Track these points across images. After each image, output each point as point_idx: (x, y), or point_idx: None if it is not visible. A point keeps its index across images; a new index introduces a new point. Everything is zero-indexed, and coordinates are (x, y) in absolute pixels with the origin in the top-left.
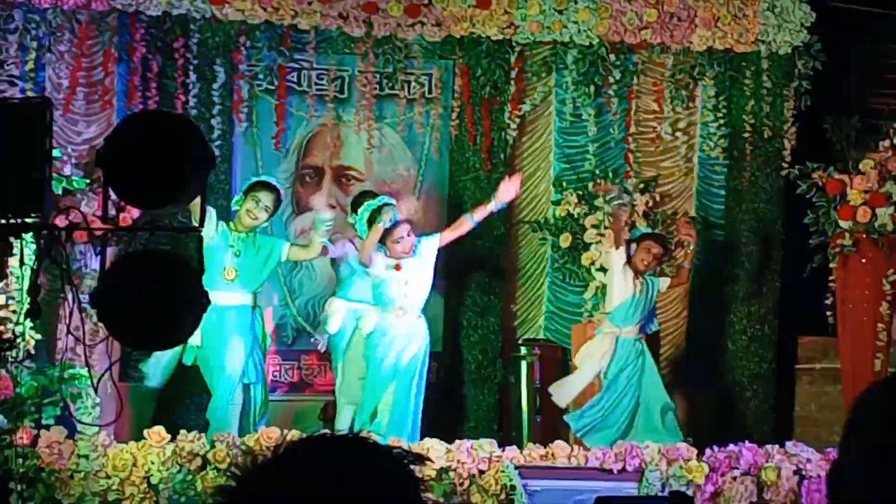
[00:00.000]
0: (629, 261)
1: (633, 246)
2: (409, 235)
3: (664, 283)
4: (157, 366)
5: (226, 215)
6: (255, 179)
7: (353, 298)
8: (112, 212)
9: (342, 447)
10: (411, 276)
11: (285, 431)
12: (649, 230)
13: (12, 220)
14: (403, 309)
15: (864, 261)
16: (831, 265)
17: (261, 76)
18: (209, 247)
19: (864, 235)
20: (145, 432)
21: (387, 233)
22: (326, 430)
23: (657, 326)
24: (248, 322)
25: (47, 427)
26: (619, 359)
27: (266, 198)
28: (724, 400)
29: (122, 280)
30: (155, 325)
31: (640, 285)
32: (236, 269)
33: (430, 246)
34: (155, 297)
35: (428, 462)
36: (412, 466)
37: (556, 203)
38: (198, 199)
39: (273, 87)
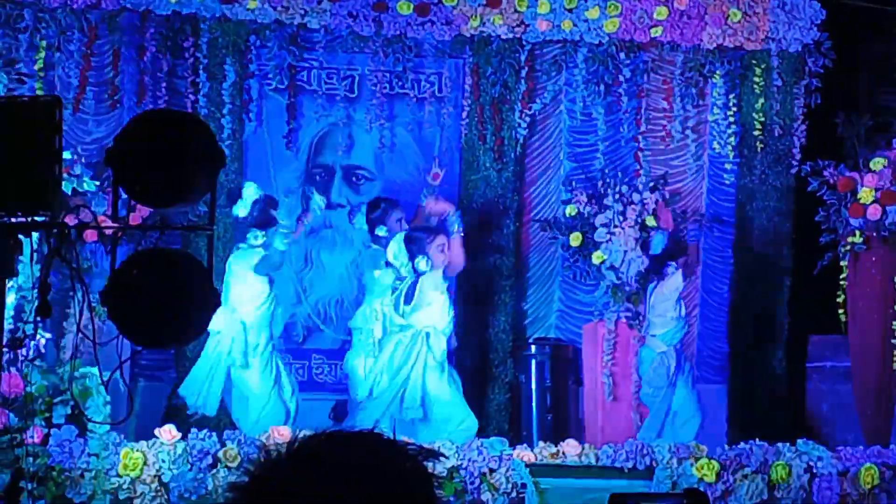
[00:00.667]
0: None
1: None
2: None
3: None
4: (206, 395)
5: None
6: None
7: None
8: (122, 211)
9: (356, 444)
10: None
11: (297, 430)
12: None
13: (22, 219)
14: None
15: (874, 259)
16: (842, 263)
17: (271, 75)
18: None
19: (875, 233)
20: (156, 431)
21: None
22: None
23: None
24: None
25: (58, 426)
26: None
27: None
28: (734, 398)
29: (133, 278)
30: (165, 323)
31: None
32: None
33: None
34: (165, 295)
35: (441, 458)
36: (426, 463)
37: (567, 202)
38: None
39: (283, 87)
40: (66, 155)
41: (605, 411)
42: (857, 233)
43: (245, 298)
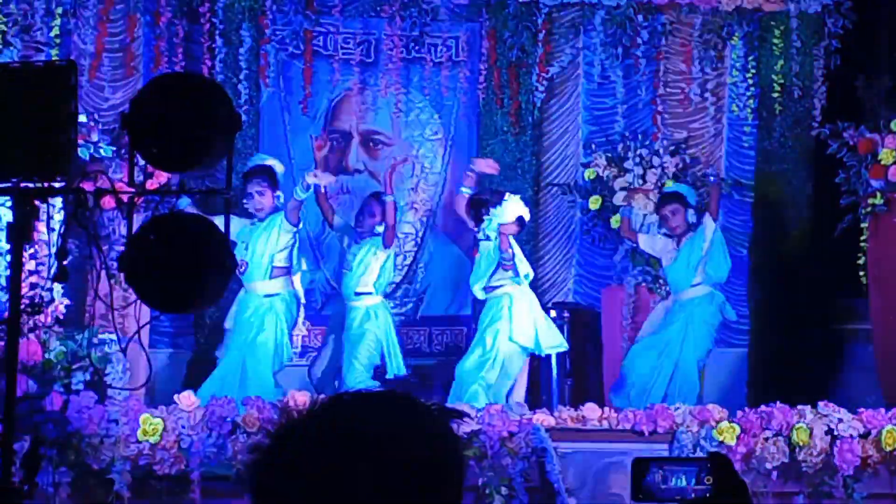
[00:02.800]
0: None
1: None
2: None
3: (708, 228)
4: None
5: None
6: (250, 166)
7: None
8: (139, 177)
9: (381, 403)
10: None
11: (316, 395)
12: (669, 188)
13: (39, 184)
14: None
15: (895, 220)
16: (862, 225)
17: (287, 41)
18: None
19: None
20: (175, 397)
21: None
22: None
23: (723, 274)
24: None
25: (77, 392)
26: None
27: (259, 185)
28: (755, 361)
29: (150, 244)
30: (183, 288)
31: (676, 249)
32: (245, 262)
33: None
34: (183, 260)
35: (466, 419)
36: (452, 423)
37: (585, 165)
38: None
39: (299, 52)
40: (83, 120)
41: None
42: (878, 194)
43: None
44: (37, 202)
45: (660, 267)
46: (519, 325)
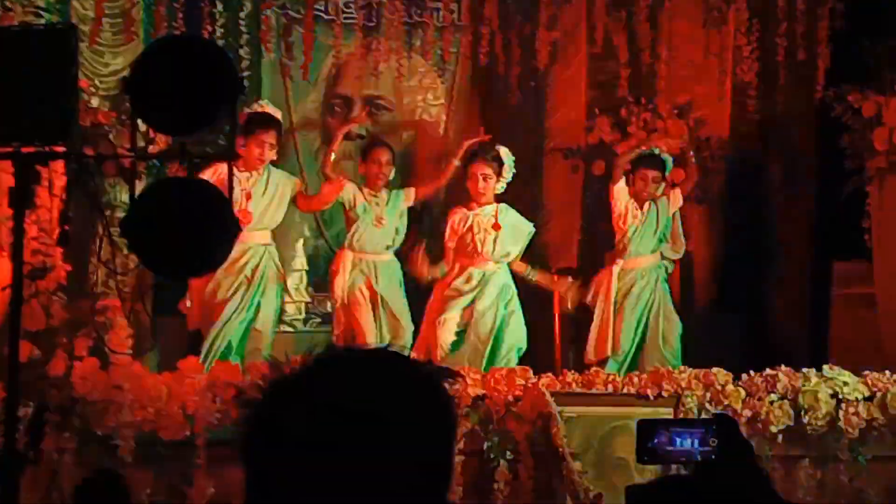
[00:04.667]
0: (631, 192)
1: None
2: None
3: (675, 199)
4: None
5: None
6: (249, 112)
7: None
8: (141, 143)
9: (374, 359)
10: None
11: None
12: (648, 152)
13: (40, 149)
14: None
15: None
16: (867, 188)
17: (288, 5)
18: None
19: None
20: (179, 363)
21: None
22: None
23: (678, 252)
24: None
25: (80, 358)
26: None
27: (270, 136)
28: (759, 325)
29: (152, 209)
30: (185, 252)
31: (643, 214)
32: (251, 212)
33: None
34: (185, 224)
35: (459, 379)
36: (446, 381)
37: (589, 130)
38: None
39: (300, 16)
40: (83, 86)
41: None
42: (883, 157)
43: None
44: (38, 167)
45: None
46: None
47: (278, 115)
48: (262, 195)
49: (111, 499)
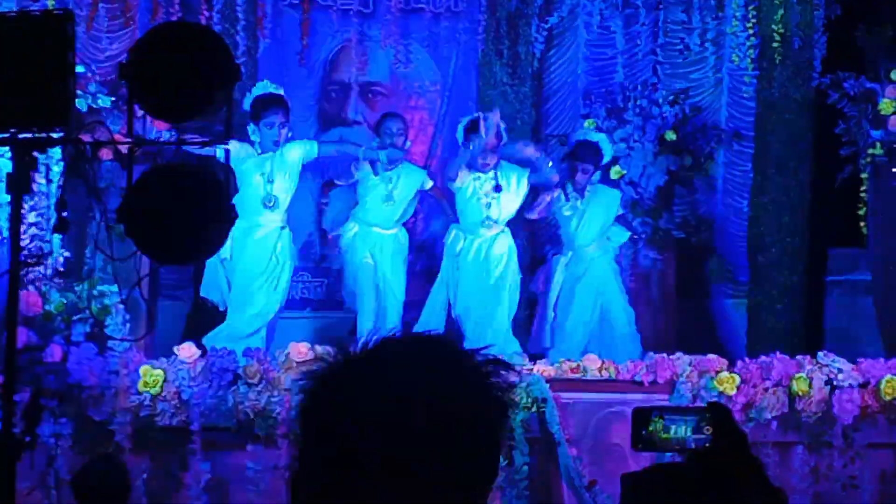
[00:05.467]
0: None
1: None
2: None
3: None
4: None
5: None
6: (256, 95)
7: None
8: (139, 129)
9: (432, 348)
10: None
11: (316, 347)
12: (585, 138)
13: (37, 135)
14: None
15: (895, 170)
16: (862, 175)
17: None
18: (242, 170)
19: None
20: (175, 348)
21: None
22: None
23: (620, 237)
24: (284, 245)
25: (77, 344)
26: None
27: (281, 116)
28: (754, 312)
29: (149, 195)
30: (182, 238)
31: (580, 203)
32: (275, 196)
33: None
34: (182, 210)
35: (513, 371)
36: (500, 373)
37: (585, 116)
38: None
39: (297, 2)
40: (80, 70)
41: None
42: (878, 144)
43: None
44: (35, 153)
45: (659, 217)
46: None
47: (280, 91)
48: (280, 176)
49: (111, 484)
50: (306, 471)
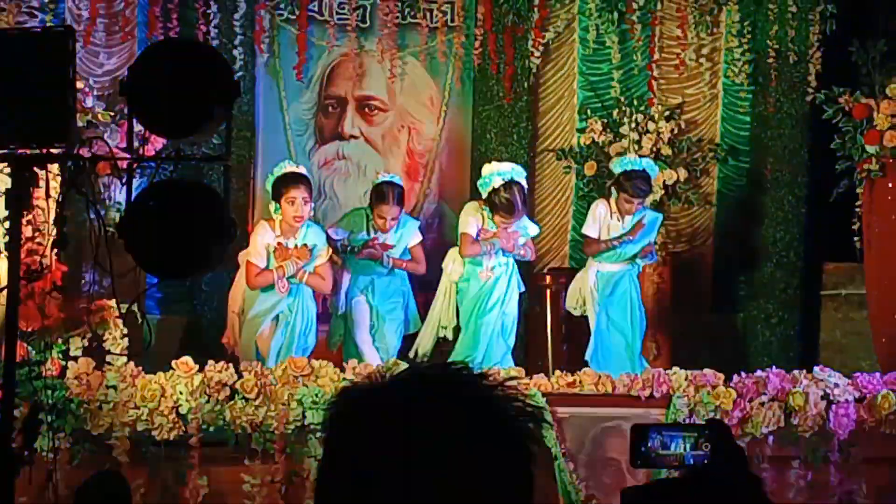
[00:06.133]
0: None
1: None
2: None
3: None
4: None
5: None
6: (279, 174)
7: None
8: (136, 143)
9: (459, 388)
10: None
11: (312, 361)
12: (628, 168)
13: (37, 151)
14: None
15: (891, 185)
16: (858, 190)
17: (282, 6)
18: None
19: (891, 160)
20: (173, 363)
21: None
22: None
23: (650, 259)
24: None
25: (75, 358)
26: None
27: (303, 191)
28: (750, 326)
29: (149, 210)
30: (182, 254)
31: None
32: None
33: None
34: (181, 226)
35: (545, 422)
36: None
37: (581, 131)
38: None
39: (294, 17)
40: (78, 86)
41: None
42: (873, 159)
43: None
44: (35, 168)
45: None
46: None
47: (302, 170)
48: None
49: (112, 499)
50: (325, 492)
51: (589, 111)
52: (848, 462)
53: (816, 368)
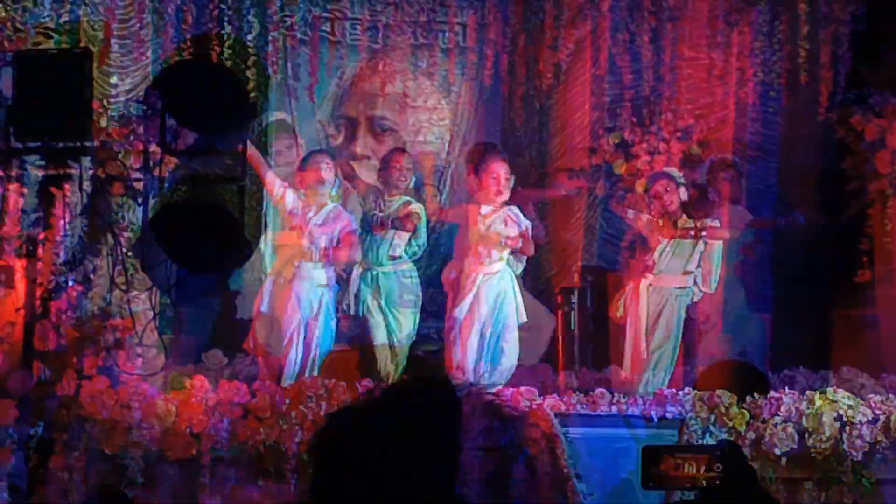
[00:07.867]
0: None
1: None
2: None
3: (712, 234)
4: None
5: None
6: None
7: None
8: (155, 159)
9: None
10: None
11: (325, 381)
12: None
13: (54, 172)
14: None
15: None
16: (868, 211)
17: (295, 27)
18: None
19: None
20: (187, 382)
21: None
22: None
23: (709, 288)
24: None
25: (90, 377)
26: (655, 308)
27: (323, 157)
28: (778, 327)
29: (165, 230)
30: (198, 272)
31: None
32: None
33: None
34: (197, 246)
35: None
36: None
37: (593, 151)
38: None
39: (307, 38)
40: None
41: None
42: (885, 180)
43: None
44: (52, 189)
45: None
46: None
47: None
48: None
49: None
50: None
51: (601, 131)
52: (861, 484)
53: (830, 389)
